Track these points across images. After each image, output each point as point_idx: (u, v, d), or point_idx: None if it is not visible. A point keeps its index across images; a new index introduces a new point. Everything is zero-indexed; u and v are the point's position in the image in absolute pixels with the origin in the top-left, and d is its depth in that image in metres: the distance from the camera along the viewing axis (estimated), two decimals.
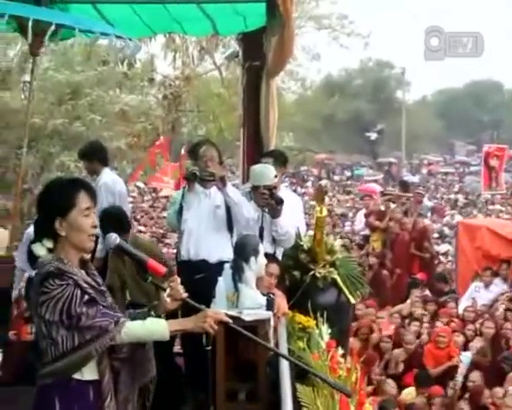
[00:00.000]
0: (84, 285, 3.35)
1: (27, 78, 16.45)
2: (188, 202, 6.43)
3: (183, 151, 18.26)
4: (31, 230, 4.62)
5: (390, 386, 9.14)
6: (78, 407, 3.36)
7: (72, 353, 3.31)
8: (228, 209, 6.31)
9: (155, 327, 3.42)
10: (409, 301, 12.01)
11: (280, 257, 6.46)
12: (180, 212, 6.45)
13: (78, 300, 3.29)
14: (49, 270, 3.31)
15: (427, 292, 12.62)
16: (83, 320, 3.29)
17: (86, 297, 3.33)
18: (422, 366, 9.78)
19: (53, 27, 3.80)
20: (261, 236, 6.18)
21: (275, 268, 5.85)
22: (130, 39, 4.32)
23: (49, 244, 3.42)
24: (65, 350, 3.31)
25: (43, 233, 3.44)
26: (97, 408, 3.39)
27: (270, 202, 6.29)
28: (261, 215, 6.40)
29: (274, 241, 6.45)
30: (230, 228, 6.37)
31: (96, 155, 7.83)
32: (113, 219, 6.45)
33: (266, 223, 6.40)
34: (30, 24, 3.78)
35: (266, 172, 6.40)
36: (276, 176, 6.43)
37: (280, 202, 6.29)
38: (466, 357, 9.62)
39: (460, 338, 10.16)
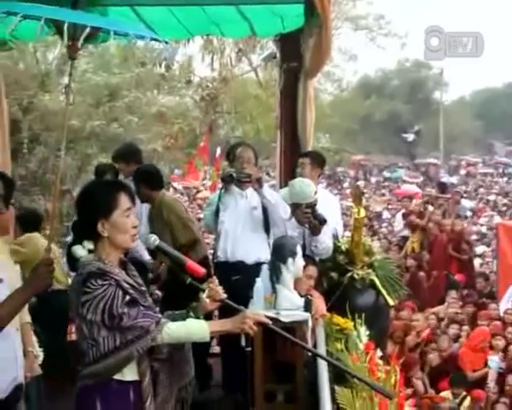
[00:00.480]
0: (126, 285, 3.36)
1: (66, 80, 16.61)
2: (224, 203, 6.42)
3: (218, 152, 18.28)
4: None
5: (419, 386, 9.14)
6: (119, 408, 3.37)
7: (113, 353, 3.32)
8: (264, 210, 6.28)
9: (196, 328, 3.42)
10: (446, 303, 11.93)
11: (317, 259, 6.39)
12: (217, 213, 6.44)
13: (119, 300, 3.30)
14: (91, 270, 3.33)
15: (466, 293, 12.51)
16: (124, 321, 3.29)
17: (128, 298, 3.33)
18: (457, 368, 9.68)
19: (88, 30, 3.82)
20: (304, 252, 5.93)
21: (313, 270, 5.83)
22: (166, 42, 4.32)
23: (90, 246, 3.44)
24: (106, 351, 3.32)
25: (84, 235, 3.47)
26: (138, 409, 3.40)
27: (312, 220, 6.15)
28: (303, 232, 6.29)
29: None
30: (267, 229, 6.33)
31: (133, 157, 7.85)
32: (146, 174, 6.56)
33: (306, 238, 6.29)
34: (66, 27, 3.80)
35: (306, 189, 6.22)
36: (316, 192, 6.32)
37: (323, 221, 6.15)
38: (494, 361, 9.49)
39: (501, 342, 10.03)
